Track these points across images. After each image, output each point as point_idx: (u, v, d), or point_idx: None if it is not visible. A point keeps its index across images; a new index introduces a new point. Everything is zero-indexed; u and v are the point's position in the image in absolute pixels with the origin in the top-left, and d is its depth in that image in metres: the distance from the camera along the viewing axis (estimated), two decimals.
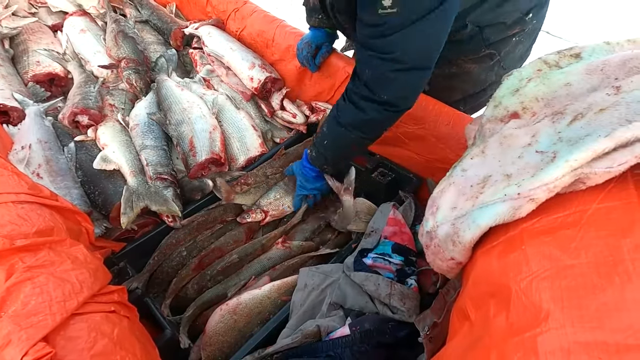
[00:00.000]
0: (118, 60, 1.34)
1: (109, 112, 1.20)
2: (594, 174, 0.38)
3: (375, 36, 0.74)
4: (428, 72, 0.79)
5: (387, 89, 0.79)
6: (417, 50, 0.74)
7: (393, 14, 0.69)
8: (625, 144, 0.37)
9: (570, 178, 0.39)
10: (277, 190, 1.11)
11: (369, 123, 0.86)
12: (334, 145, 0.95)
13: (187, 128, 1.16)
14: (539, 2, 0.96)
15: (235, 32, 1.48)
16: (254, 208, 1.06)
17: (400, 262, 0.88)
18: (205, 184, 1.10)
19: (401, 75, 0.76)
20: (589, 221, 0.39)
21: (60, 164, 1.01)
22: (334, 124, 0.91)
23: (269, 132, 1.35)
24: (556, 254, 0.38)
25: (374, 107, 0.82)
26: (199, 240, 1.06)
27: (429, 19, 0.69)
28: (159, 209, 1.00)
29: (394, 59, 0.74)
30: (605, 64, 0.49)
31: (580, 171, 0.39)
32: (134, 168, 1.05)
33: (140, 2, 1.65)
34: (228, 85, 1.38)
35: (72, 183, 0.99)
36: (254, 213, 1.07)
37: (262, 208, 1.08)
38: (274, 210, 1.10)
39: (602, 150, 0.38)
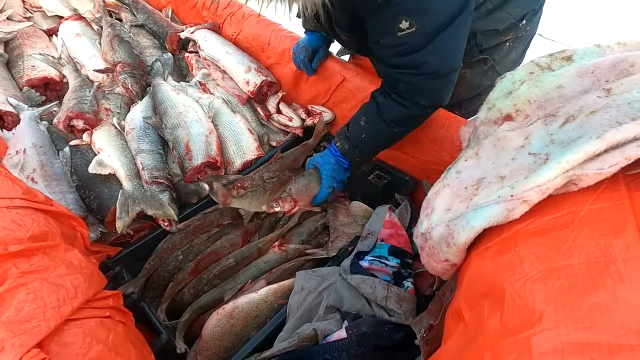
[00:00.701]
0: (114, 65, 1.34)
1: (104, 116, 1.20)
2: (586, 175, 0.38)
3: (400, 54, 0.77)
4: (457, 70, 0.81)
5: (424, 96, 0.84)
6: (444, 59, 0.77)
7: (412, 33, 0.71)
8: (615, 145, 0.37)
9: (563, 180, 0.40)
10: (308, 179, 1.06)
11: (414, 119, 0.91)
12: (374, 139, 0.97)
13: (183, 132, 1.16)
14: (533, 9, 0.97)
15: (231, 36, 1.48)
16: (284, 196, 1.01)
17: (397, 264, 0.88)
18: (201, 187, 1.10)
19: (435, 82, 0.80)
20: (581, 222, 0.39)
21: (55, 168, 1.00)
22: (377, 120, 0.92)
23: (265, 136, 1.35)
24: (549, 255, 0.39)
25: (418, 108, 0.86)
26: (195, 244, 1.06)
27: (449, 30, 0.72)
28: (154, 213, 1.00)
29: (424, 72, 0.77)
30: (596, 67, 0.50)
31: (572, 173, 0.39)
32: (130, 172, 1.04)
33: (136, 6, 1.66)
34: (224, 89, 1.38)
35: (67, 187, 0.98)
36: (284, 202, 1.01)
37: (293, 196, 1.03)
38: (302, 201, 1.04)
39: (593, 152, 0.38)
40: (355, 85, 1.18)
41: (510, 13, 0.94)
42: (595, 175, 0.38)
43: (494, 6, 0.92)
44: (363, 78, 1.16)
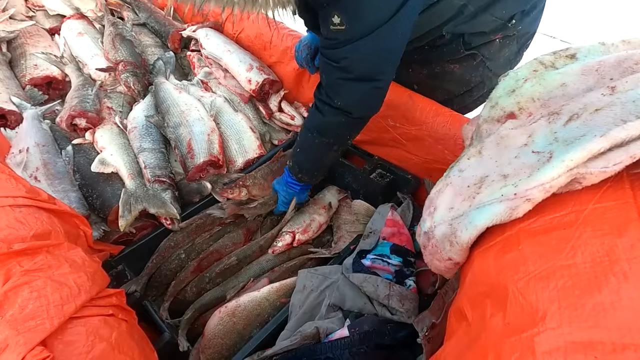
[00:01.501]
0: (116, 63, 1.34)
1: (106, 115, 1.20)
2: (590, 173, 0.38)
3: (328, 47, 0.80)
4: (378, 83, 0.82)
5: (338, 96, 0.84)
6: (363, 62, 0.78)
7: (341, 30, 0.74)
8: (620, 143, 0.37)
9: (567, 178, 0.40)
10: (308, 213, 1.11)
11: (329, 127, 0.90)
12: (303, 151, 0.99)
13: (185, 130, 1.16)
14: (522, 10, 0.95)
15: (232, 34, 1.48)
16: (283, 234, 1.06)
17: (399, 263, 0.88)
18: (203, 186, 1.10)
19: (349, 84, 0.81)
20: (585, 221, 0.39)
21: (58, 167, 1.00)
22: (303, 130, 0.96)
23: (267, 134, 1.35)
24: (553, 254, 0.39)
25: (331, 112, 0.86)
26: (198, 243, 1.06)
27: (377, 34, 0.73)
28: (157, 212, 1.00)
29: (341, 67, 0.79)
30: (600, 65, 0.49)
31: (577, 171, 0.39)
32: (132, 171, 1.04)
33: (137, 5, 1.65)
34: (226, 87, 1.38)
35: (69, 186, 0.99)
36: (281, 238, 1.05)
37: (289, 230, 1.07)
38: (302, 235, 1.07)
39: (598, 150, 0.38)
40: None
41: (496, 15, 0.93)
42: (599, 174, 0.38)
43: (476, 9, 0.90)
44: None
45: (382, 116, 1.13)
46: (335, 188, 1.26)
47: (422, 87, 1.09)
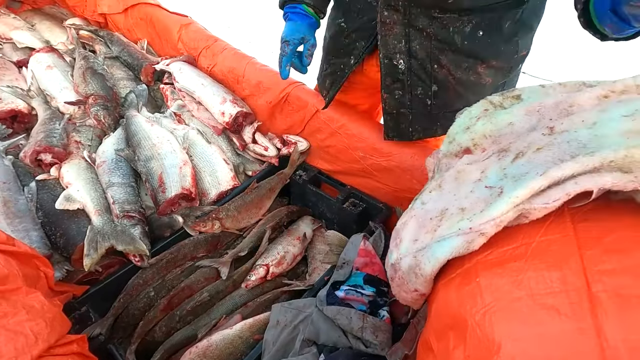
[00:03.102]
0: (86, 97, 1.33)
1: (74, 149, 1.18)
2: (534, 209, 0.41)
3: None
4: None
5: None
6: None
7: None
8: (557, 182, 0.41)
9: (514, 213, 0.43)
10: (282, 245, 1.10)
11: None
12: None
13: (157, 164, 1.15)
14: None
15: (206, 68, 1.51)
16: (256, 267, 1.04)
17: (372, 293, 0.89)
18: (174, 220, 1.09)
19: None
20: (533, 253, 0.42)
21: (19, 205, 0.97)
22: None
23: (241, 166, 1.36)
24: (506, 287, 0.41)
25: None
26: (168, 280, 1.03)
27: None
28: (125, 249, 0.97)
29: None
30: (541, 106, 0.54)
31: (522, 207, 0.42)
32: (100, 207, 1.02)
33: (110, 38, 1.67)
34: (199, 119, 1.39)
35: (31, 225, 0.95)
36: (255, 272, 1.03)
37: (263, 263, 1.05)
38: (276, 267, 1.06)
39: (539, 188, 0.42)
40: (329, 116, 1.21)
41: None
42: (542, 209, 0.41)
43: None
44: (335, 110, 1.20)
45: (353, 148, 1.17)
46: (310, 218, 1.27)
47: (445, 87, 0.95)
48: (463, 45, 0.87)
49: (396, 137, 1.04)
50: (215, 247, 1.15)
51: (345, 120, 1.19)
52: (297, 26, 1.03)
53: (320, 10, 1.06)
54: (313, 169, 1.30)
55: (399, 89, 0.96)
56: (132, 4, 1.66)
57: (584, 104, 0.47)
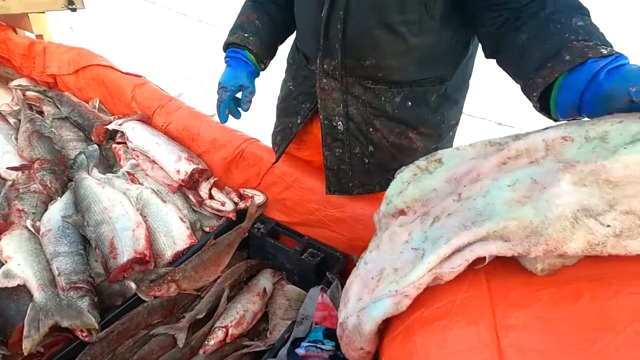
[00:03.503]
0: (31, 162, 1.29)
1: (16, 219, 1.12)
2: (444, 273, 0.47)
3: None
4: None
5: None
6: None
7: None
8: (458, 249, 0.47)
9: (429, 277, 0.48)
10: (242, 303, 1.08)
11: None
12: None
13: (108, 228, 1.12)
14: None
15: (161, 126, 1.53)
16: (215, 330, 1.00)
17: (332, 347, 0.90)
18: (127, 287, 1.05)
19: None
20: (456, 311, 0.47)
21: None
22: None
23: (198, 222, 1.35)
24: (435, 345, 0.45)
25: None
26: (119, 353, 0.97)
27: None
28: (71, 324, 0.92)
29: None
30: (456, 171, 0.63)
31: (435, 271, 0.48)
32: (43, 281, 0.96)
33: (60, 99, 1.65)
34: (154, 178, 1.39)
35: None
36: (213, 335, 1.00)
37: (221, 325, 1.03)
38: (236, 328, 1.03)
39: (445, 255, 0.48)
40: (282, 170, 1.27)
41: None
42: (450, 273, 0.47)
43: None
44: (289, 165, 1.26)
45: (307, 200, 1.22)
46: (270, 271, 1.27)
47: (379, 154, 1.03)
48: (394, 113, 0.97)
49: (337, 191, 1.10)
50: (172, 311, 1.11)
51: (298, 174, 1.24)
52: (236, 73, 1.05)
53: (262, 61, 1.09)
54: (271, 221, 1.32)
55: (339, 147, 1.04)
56: (84, 66, 1.67)
57: (487, 172, 0.55)
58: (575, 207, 0.44)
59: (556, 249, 0.43)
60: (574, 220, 0.44)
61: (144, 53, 3.56)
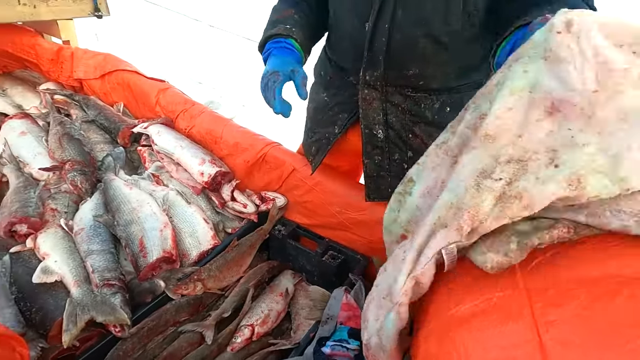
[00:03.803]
0: (62, 163, 1.34)
1: (50, 218, 1.17)
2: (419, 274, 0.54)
3: None
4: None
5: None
6: None
7: None
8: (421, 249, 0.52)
9: (410, 281, 0.54)
10: (265, 302, 1.10)
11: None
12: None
13: (137, 228, 1.16)
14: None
15: (184, 129, 1.57)
16: (241, 328, 1.03)
17: (357, 347, 0.92)
18: (156, 285, 1.08)
19: None
20: (494, 308, 0.50)
21: None
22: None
23: (221, 223, 1.38)
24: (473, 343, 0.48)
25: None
26: (150, 349, 1.00)
27: None
28: (105, 320, 0.95)
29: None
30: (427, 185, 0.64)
31: (412, 275, 0.53)
32: (78, 277, 1.00)
33: (86, 102, 1.70)
34: (178, 180, 1.43)
35: (4, 302, 0.91)
36: (240, 333, 1.03)
37: (247, 324, 1.05)
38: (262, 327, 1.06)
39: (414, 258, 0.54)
40: (305, 175, 1.30)
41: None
42: (423, 273, 0.53)
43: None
44: (310, 168, 1.29)
45: (329, 203, 1.25)
46: (290, 272, 1.30)
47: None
48: (434, 119, 1.01)
49: (377, 198, 1.13)
50: (198, 309, 1.14)
51: (320, 178, 1.27)
52: (284, 59, 0.94)
53: (306, 51, 1.02)
54: (292, 224, 1.36)
55: (378, 154, 1.07)
56: (110, 71, 1.73)
57: (446, 176, 0.59)
58: (474, 175, 0.51)
59: (477, 214, 0.50)
60: (477, 186, 0.51)
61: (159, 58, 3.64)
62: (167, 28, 4.43)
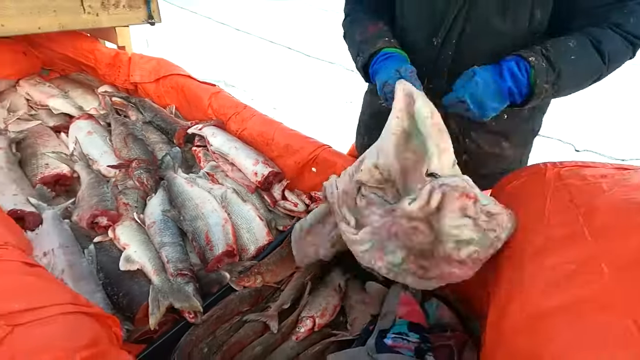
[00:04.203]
0: (128, 161, 1.44)
1: (123, 211, 1.26)
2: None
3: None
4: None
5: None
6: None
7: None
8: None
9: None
10: (322, 296, 1.16)
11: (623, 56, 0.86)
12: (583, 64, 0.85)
13: (202, 223, 1.25)
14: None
15: (235, 131, 1.66)
16: (303, 319, 1.08)
17: (417, 340, 0.98)
18: (222, 276, 1.16)
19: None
20: (591, 297, 0.54)
21: (82, 267, 1.03)
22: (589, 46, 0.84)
23: (273, 221, 1.46)
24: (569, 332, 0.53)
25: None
26: (219, 335, 1.08)
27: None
28: (181, 306, 1.03)
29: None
30: None
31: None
32: (157, 266, 1.09)
33: (143, 105, 1.81)
34: (233, 179, 1.51)
35: (95, 287, 1.00)
36: (303, 324, 1.09)
37: (308, 315, 1.11)
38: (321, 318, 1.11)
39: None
40: None
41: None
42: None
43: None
44: None
45: None
46: (339, 269, 1.36)
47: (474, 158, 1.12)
48: (491, 126, 1.06)
49: None
50: (257, 301, 1.21)
51: None
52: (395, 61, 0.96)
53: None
54: None
55: None
56: (165, 75, 1.83)
57: None
58: None
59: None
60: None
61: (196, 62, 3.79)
62: (204, 34, 4.61)
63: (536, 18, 0.89)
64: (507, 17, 0.89)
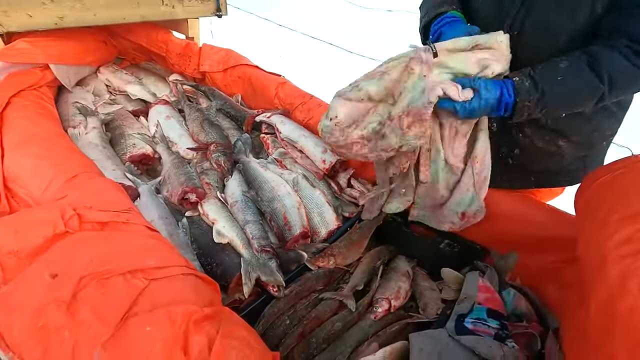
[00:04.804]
0: (206, 144, 1.53)
1: (207, 190, 1.35)
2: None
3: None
4: None
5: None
6: None
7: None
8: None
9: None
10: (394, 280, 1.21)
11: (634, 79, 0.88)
12: (572, 85, 0.89)
13: (279, 204, 1.31)
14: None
15: (302, 120, 1.71)
16: (379, 300, 1.15)
17: (497, 326, 1.00)
18: (300, 255, 1.22)
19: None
20: None
21: (180, 238, 1.12)
22: (583, 67, 0.88)
23: (340, 207, 1.51)
24: None
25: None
26: (299, 309, 1.14)
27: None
28: (267, 279, 1.11)
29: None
30: None
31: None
32: (244, 241, 1.16)
33: (212, 93, 1.90)
34: (302, 166, 1.57)
35: (191, 256, 1.09)
36: (379, 304, 1.14)
37: (383, 297, 1.16)
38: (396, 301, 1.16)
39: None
40: None
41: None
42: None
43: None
44: None
45: None
46: (404, 257, 1.40)
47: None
48: (547, 124, 1.07)
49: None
50: (329, 281, 1.27)
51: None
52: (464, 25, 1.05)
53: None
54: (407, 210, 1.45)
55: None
56: (233, 65, 1.92)
57: None
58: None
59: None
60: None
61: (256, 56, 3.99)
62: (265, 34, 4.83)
63: (597, 13, 0.90)
64: (565, 11, 0.91)
